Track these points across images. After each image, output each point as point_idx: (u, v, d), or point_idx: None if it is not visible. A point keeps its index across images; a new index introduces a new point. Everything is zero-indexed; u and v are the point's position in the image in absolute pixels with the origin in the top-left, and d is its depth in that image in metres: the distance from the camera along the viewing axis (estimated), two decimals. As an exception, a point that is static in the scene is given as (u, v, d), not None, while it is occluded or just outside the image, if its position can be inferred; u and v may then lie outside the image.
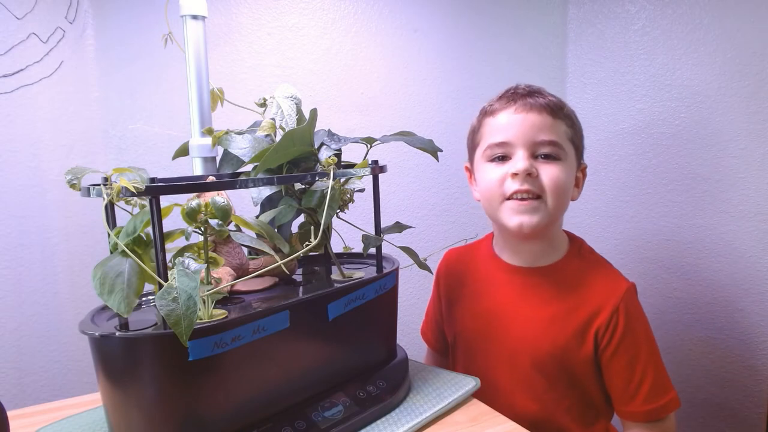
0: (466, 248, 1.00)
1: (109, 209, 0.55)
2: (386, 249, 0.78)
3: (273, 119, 0.72)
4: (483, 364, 0.89)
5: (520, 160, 0.81)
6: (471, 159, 0.92)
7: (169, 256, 0.58)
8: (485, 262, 0.94)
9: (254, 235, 0.72)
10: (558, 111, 0.83)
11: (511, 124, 0.82)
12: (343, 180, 0.73)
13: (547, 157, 0.82)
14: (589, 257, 0.91)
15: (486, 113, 0.87)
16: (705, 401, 1.17)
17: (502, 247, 0.93)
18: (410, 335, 1.28)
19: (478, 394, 0.77)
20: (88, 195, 0.55)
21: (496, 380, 0.87)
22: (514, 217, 0.82)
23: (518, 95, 0.85)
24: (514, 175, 0.81)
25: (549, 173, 0.81)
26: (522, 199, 0.82)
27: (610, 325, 0.81)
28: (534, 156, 0.82)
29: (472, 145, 0.91)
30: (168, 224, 0.57)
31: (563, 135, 0.83)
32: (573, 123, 0.86)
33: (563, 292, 0.85)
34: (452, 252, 1.02)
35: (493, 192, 0.84)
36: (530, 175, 0.81)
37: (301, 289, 0.73)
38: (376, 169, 0.72)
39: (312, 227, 0.73)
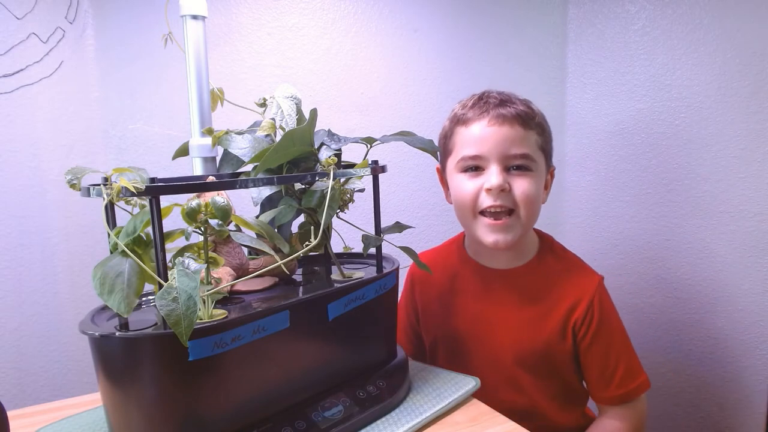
0: (436, 252, 1.02)
1: (109, 209, 0.55)
2: (386, 249, 0.78)
3: (273, 119, 0.72)
4: (466, 365, 0.91)
5: (493, 175, 0.83)
6: (443, 164, 0.93)
7: (169, 256, 0.58)
8: (460, 266, 0.96)
9: (254, 235, 0.72)
10: (529, 121, 0.85)
11: (484, 138, 0.84)
12: (343, 180, 0.73)
13: (519, 168, 0.85)
14: (562, 255, 0.94)
15: (458, 121, 0.88)
16: (705, 401, 1.17)
17: (476, 251, 0.95)
18: (410, 335, 1.28)
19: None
20: (88, 195, 0.55)
21: (481, 379, 0.88)
22: (490, 235, 0.85)
23: (490, 105, 0.86)
24: (488, 190, 0.83)
25: (521, 187, 0.84)
26: (496, 217, 0.84)
27: (586, 317, 0.86)
28: (506, 168, 0.84)
29: (444, 151, 0.92)
30: (168, 224, 0.57)
31: (534, 145, 0.86)
32: (543, 130, 0.88)
33: (540, 291, 0.89)
34: (424, 256, 1.02)
35: (467, 205, 0.86)
36: (503, 191, 0.83)
37: (301, 289, 0.73)
38: (376, 169, 0.72)
39: (312, 227, 0.73)
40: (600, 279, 0.89)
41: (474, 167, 0.86)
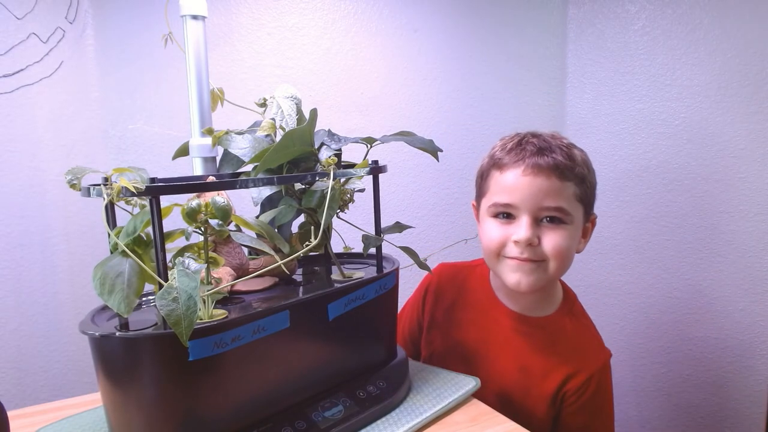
0: (460, 268, 1.00)
1: (109, 209, 0.55)
2: (386, 249, 0.78)
3: (273, 119, 0.72)
4: None
5: (522, 228, 0.80)
6: (478, 201, 0.91)
7: (169, 256, 0.58)
8: (480, 292, 0.94)
9: (254, 235, 0.72)
10: (567, 172, 0.81)
11: (517, 187, 0.81)
12: (343, 180, 0.73)
13: (552, 220, 0.82)
14: (580, 318, 0.91)
15: (495, 164, 0.86)
16: (705, 401, 1.17)
17: (498, 286, 0.93)
18: (410, 335, 1.28)
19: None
20: (89, 195, 0.55)
21: None
22: (513, 274, 0.83)
23: (527, 153, 0.82)
24: (516, 242, 0.81)
25: (552, 241, 0.81)
26: (523, 260, 0.82)
27: (580, 389, 0.84)
28: (538, 220, 0.82)
29: (479, 191, 0.90)
30: (168, 224, 0.57)
31: (571, 197, 0.82)
32: (584, 179, 0.84)
33: (546, 349, 0.87)
34: (446, 268, 1.01)
35: (494, 250, 0.84)
36: (531, 245, 0.81)
37: (301, 289, 0.73)
38: (376, 169, 0.71)
39: (312, 227, 0.73)
40: (607, 357, 0.87)
41: (506, 214, 0.84)
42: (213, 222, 0.61)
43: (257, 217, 0.75)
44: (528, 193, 0.80)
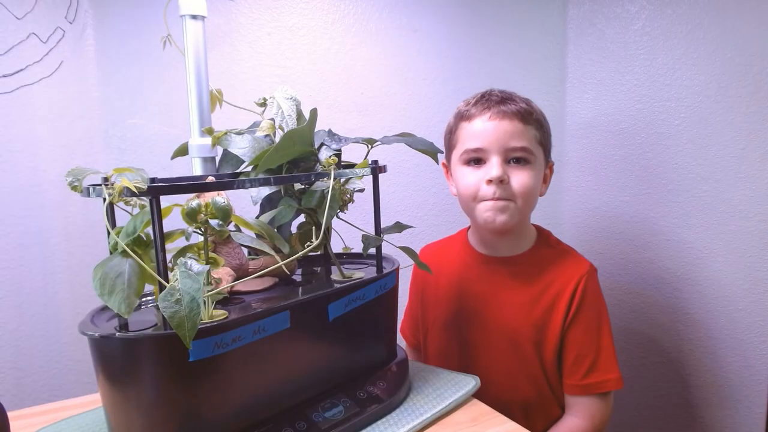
0: (441, 243, 1.08)
1: (109, 209, 0.55)
2: (386, 249, 0.78)
3: (272, 119, 0.72)
4: (458, 351, 0.97)
5: (494, 167, 0.88)
6: (448, 157, 0.99)
7: (168, 257, 0.58)
8: (462, 254, 1.01)
9: (254, 236, 0.71)
10: (528, 117, 0.90)
11: (485, 131, 0.89)
12: (343, 180, 0.73)
13: (518, 161, 0.90)
14: (557, 246, 0.99)
15: (462, 117, 0.94)
16: (705, 401, 1.17)
17: (477, 241, 1.00)
18: (410, 335, 1.28)
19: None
20: (89, 195, 0.55)
21: (473, 363, 0.95)
22: (486, 213, 0.90)
23: (492, 102, 0.91)
24: (489, 181, 0.88)
25: (519, 179, 0.89)
26: (495, 199, 0.89)
27: (573, 298, 0.90)
28: (506, 161, 0.89)
29: (449, 146, 0.98)
30: (168, 224, 0.57)
31: (533, 139, 0.91)
32: (542, 126, 0.93)
33: (534, 277, 0.94)
34: (427, 248, 1.09)
35: (470, 195, 0.91)
36: (502, 182, 0.88)
37: (301, 289, 0.73)
38: (377, 169, 0.72)
39: (312, 227, 0.73)
40: (589, 266, 0.93)
41: (476, 159, 0.91)
42: (213, 222, 0.61)
43: (257, 217, 0.75)
44: (495, 136, 0.89)
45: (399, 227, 0.78)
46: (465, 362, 0.96)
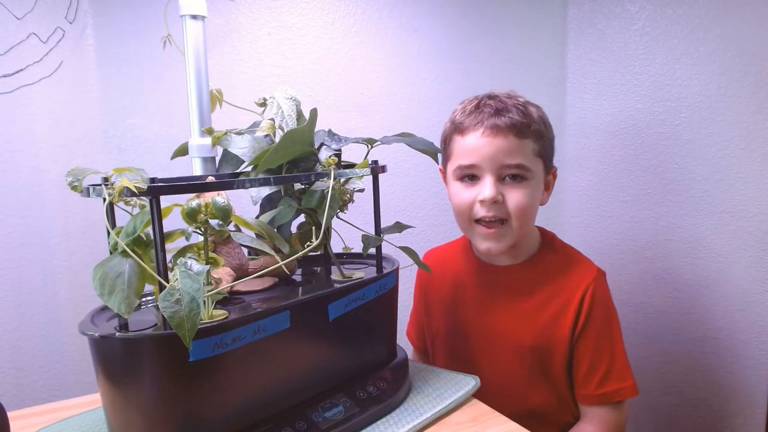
0: (444, 248, 1.06)
1: (109, 209, 0.55)
2: (386, 249, 0.78)
3: (272, 119, 0.72)
4: (465, 359, 0.94)
5: (486, 187, 0.84)
6: (444, 165, 0.95)
7: (168, 257, 0.58)
8: (464, 261, 0.99)
9: (254, 236, 0.71)
10: (524, 130, 0.85)
11: (478, 148, 0.85)
12: (343, 180, 0.73)
13: (514, 178, 0.86)
14: (562, 250, 0.95)
15: (456, 129, 0.89)
16: (705, 401, 1.17)
17: (479, 250, 0.95)
18: (410, 335, 1.28)
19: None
20: (89, 195, 0.55)
21: (478, 370, 0.90)
22: (483, 242, 0.88)
23: (485, 114, 0.86)
24: (482, 201, 0.85)
25: (514, 198, 0.85)
26: (489, 226, 0.86)
27: (581, 306, 0.87)
28: (500, 178, 0.86)
29: (444, 155, 0.94)
30: (168, 224, 0.57)
31: (530, 153, 0.86)
32: (540, 136, 0.87)
33: (538, 284, 0.90)
34: (431, 253, 1.07)
35: (463, 213, 0.88)
36: (496, 202, 0.85)
37: (301, 289, 0.73)
38: (377, 169, 0.71)
39: (312, 227, 0.73)
40: (597, 271, 0.90)
41: (470, 176, 0.88)
42: (213, 222, 0.61)
43: (257, 217, 0.75)
44: (489, 154, 0.84)
45: (399, 227, 0.78)
46: (471, 370, 0.91)
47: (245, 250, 0.71)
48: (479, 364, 0.92)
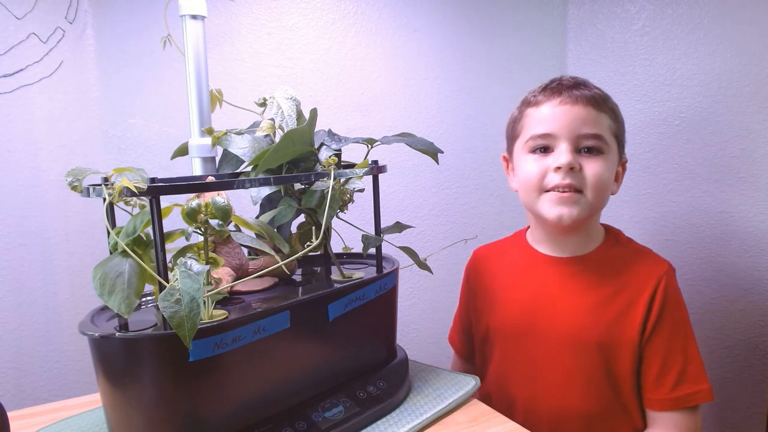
0: (495, 245, 1.01)
1: (109, 209, 0.55)
2: (386, 249, 0.78)
3: (272, 120, 0.72)
4: (521, 358, 0.87)
5: (563, 154, 0.80)
6: (510, 149, 0.91)
7: (168, 257, 0.58)
8: (521, 255, 0.93)
9: (254, 236, 0.71)
10: (602, 104, 0.82)
11: (554, 116, 0.81)
12: (343, 180, 0.73)
13: (590, 151, 0.81)
14: (628, 245, 0.90)
15: (528, 104, 0.86)
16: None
17: (539, 240, 0.91)
18: (410, 335, 1.29)
19: (512, 388, 0.77)
20: (89, 195, 0.55)
21: (532, 370, 0.86)
22: (554, 208, 0.81)
23: (563, 87, 0.83)
24: (557, 168, 0.80)
25: (591, 168, 0.80)
26: (562, 191, 0.81)
27: (652, 302, 0.81)
28: (577, 149, 0.81)
29: (512, 136, 0.90)
30: (168, 224, 0.57)
31: (607, 128, 0.82)
32: (616, 116, 0.85)
33: (604, 279, 0.84)
34: (480, 250, 1.02)
35: (533, 184, 0.83)
36: (573, 170, 0.80)
37: (301, 289, 0.73)
38: (376, 169, 0.71)
39: (312, 227, 0.73)
40: (668, 266, 0.84)
41: (543, 147, 0.83)
42: (213, 222, 0.61)
43: (257, 217, 0.75)
44: (565, 121, 0.80)
45: (399, 227, 0.78)
46: (523, 371, 0.87)
47: (245, 250, 0.71)
48: (536, 365, 0.86)
